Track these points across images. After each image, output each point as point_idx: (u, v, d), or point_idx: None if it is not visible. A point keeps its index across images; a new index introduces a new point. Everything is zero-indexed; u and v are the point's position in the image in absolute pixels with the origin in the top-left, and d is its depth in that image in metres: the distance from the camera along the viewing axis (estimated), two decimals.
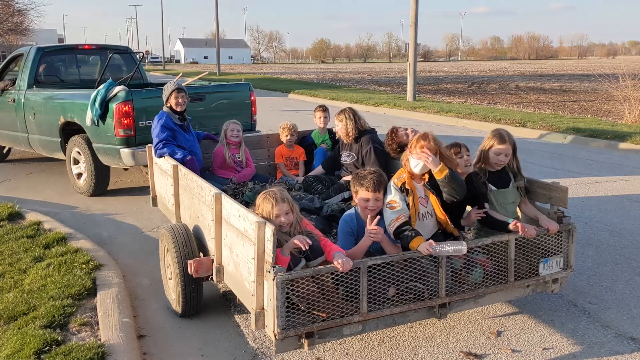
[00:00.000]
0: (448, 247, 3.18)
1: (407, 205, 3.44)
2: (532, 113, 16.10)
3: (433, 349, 3.56)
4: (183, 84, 5.93)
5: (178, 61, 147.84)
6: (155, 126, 5.22)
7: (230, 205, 3.31)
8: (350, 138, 5.19)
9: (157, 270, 4.67)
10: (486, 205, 3.75)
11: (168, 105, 5.41)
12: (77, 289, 4.14)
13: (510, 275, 3.45)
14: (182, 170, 4.36)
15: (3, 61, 9.25)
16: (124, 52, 9.60)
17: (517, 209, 3.94)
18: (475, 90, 26.61)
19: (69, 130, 7.56)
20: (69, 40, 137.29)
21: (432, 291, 3.22)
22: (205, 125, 6.56)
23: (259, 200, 3.30)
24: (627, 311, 4.06)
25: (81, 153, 7.36)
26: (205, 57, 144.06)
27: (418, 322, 3.86)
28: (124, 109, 6.53)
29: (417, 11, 19.48)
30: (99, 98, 6.68)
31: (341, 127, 5.22)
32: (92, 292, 4.18)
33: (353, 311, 3.04)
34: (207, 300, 4.24)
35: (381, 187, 3.46)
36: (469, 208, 3.85)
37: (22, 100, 8.24)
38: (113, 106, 6.59)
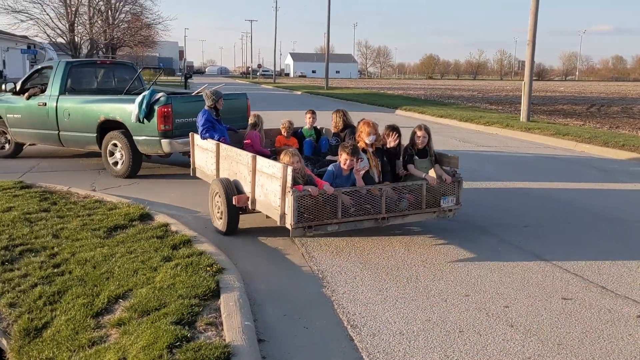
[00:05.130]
0: (362, 164, 5.86)
1: (368, 160, 6.24)
2: None
3: None
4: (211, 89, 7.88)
5: (287, 74, 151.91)
6: (201, 119, 7.22)
7: (262, 161, 5.69)
8: (338, 129, 7.64)
9: (274, 277, 4.93)
10: (411, 167, 6.40)
11: (212, 105, 7.35)
12: (202, 290, 4.42)
13: (423, 205, 5.94)
14: (223, 146, 6.68)
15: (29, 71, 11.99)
16: (131, 66, 12.26)
17: (430, 172, 6.31)
18: (594, 113, 25.14)
19: (103, 127, 9.51)
20: (188, 52, 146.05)
21: (377, 210, 5.66)
22: None
23: (281, 155, 5.64)
24: None
25: (119, 144, 9.30)
26: (314, 72, 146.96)
27: None
28: (165, 110, 8.73)
29: (536, 29, 18.79)
30: (145, 101, 8.78)
31: (334, 120, 7.66)
32: (216, 293, 4.44)
33: (333, 217, 5.42)
34: (320, 311, 4.38)
35: (355, 153, 5.74)
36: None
37: (55, 104, 10.07)
38: (156, 108, 8.77)
